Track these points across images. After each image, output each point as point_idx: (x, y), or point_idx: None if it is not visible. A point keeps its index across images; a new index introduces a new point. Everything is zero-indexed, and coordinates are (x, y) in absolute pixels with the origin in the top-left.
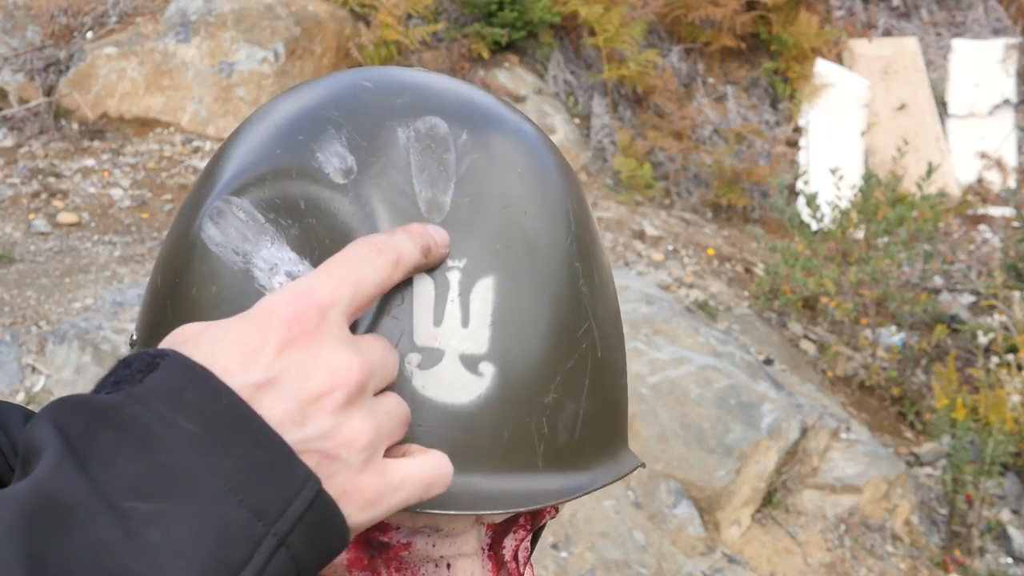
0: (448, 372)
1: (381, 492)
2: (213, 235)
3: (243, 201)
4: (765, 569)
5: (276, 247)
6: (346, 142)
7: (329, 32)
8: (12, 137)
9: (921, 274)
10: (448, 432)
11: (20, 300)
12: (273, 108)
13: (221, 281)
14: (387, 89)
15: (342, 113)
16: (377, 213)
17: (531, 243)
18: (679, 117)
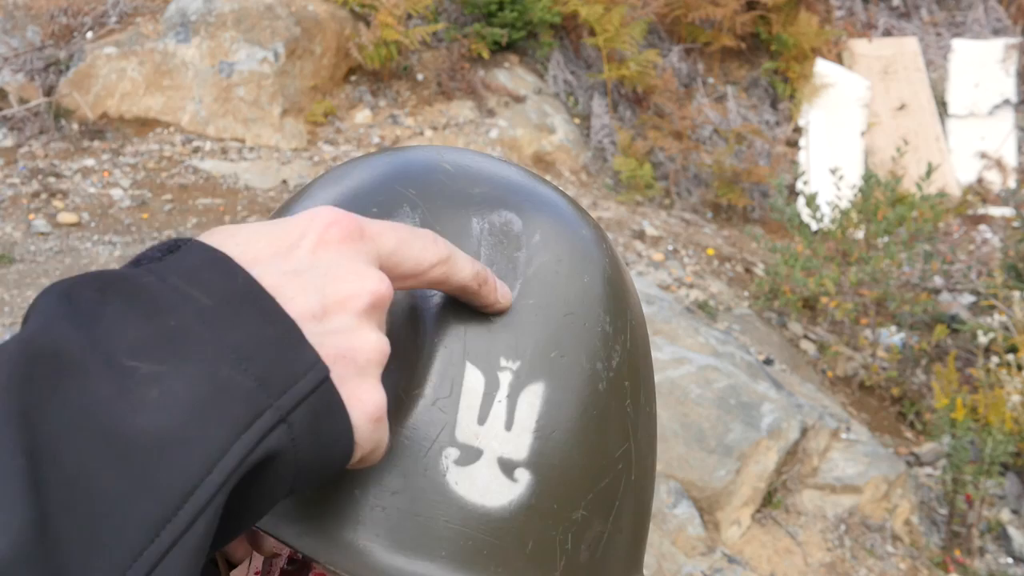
0: (483, 473)
1: (384, 413)
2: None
3: None
4: (765, 569)
5: None
6: (419, 223)
7: (329, 32)
8: (12, 137)
9: (921, 274)
10: (472, 532)
11: (20, 300)
12: (350, 172)
13: None
14: (466, 176)
15: (419, 192)
16: (443, 301)
17: (587, 355)
18: (679, 117)
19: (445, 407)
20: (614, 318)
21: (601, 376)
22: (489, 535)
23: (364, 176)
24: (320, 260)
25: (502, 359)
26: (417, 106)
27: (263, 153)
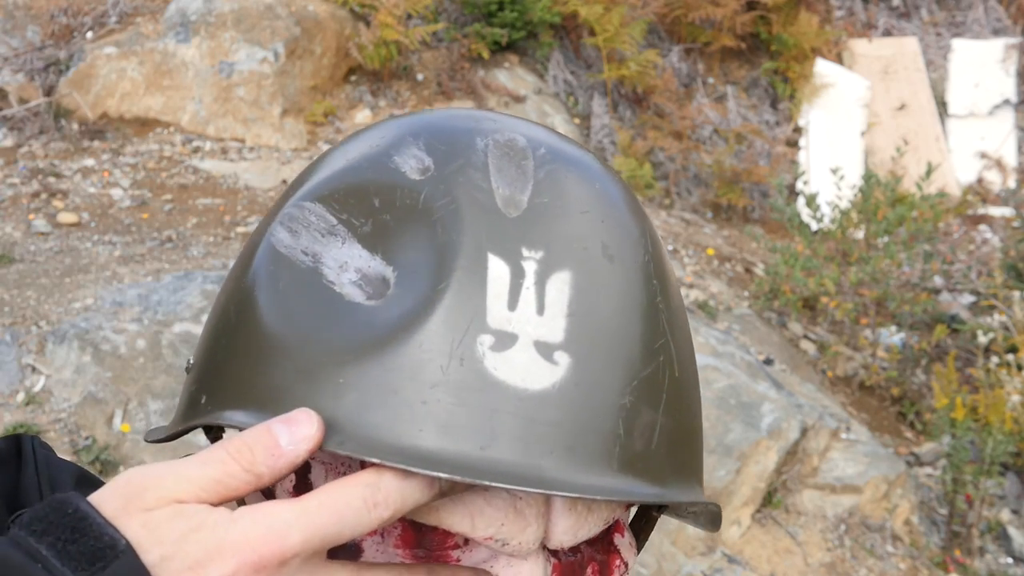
0: (522, 357)
1: None
2: (282, 238)
3: (315, 205)
4: (765, 569)
5: (347, 246)
6: (424, 147)
7: (329, 32)
8: (12, 137)
9: (921, 274)
10: (521, 416)
11: (20, 300)
12: (352, 139)
13: (288, 278)
14: (467, 114)
15: (423, 126)
16: (455, 204)
17: (609, 249)
18: (679, 117)
19: (473, 295)
20: (633, 221)
21: (629, 269)
22: (537, 418)
23: (370, 134)
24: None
25: (524, 249)
26: (417, 106)
27: (263, 153)
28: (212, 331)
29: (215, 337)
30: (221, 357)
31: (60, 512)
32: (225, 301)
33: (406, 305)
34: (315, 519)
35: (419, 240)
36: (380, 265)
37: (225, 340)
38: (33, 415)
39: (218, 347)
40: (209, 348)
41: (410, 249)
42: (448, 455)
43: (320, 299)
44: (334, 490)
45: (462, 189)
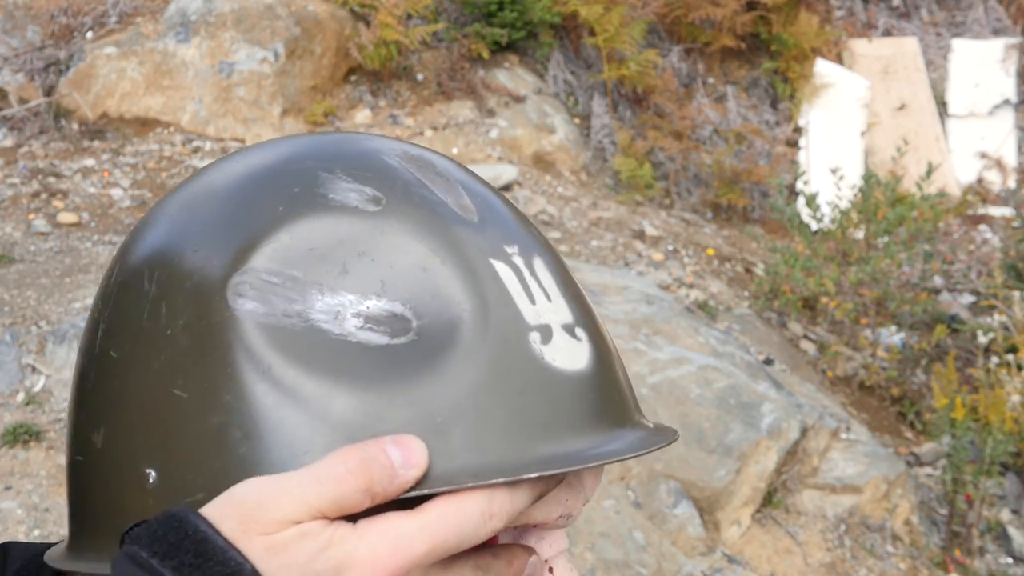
0: (562, 342)
1: None
2: (254, 308)
3: (271, 264)
4: (765, 569)
5: (328, 295)
6: (348, 177)
7: (329, 32)
8: (12, 137)
9: (921, 274)
10: (587, 394)
11: (20, 300)
12: (219, 174)
13: (284, 348)
14: (338, 138)
15: (322, 158)
16: (426, 225)
17: (532, 225)
18: (679, 117)
19: (504, 301)
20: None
21: (544, 238)
22: (597, 392)
23: (236, 177)
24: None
25: (506, 247)
26: (417, 106)
27: None
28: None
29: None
30: (256, 455)
31: (179, 532)
32: (188, 406)
33: (447, 331)
34: (436, 531)
35: (413, 269)
36: (383, 304)
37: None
38: (33, 415)
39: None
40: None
41: (407, 279)
42: (557, 451)
43: (349, 353)
44: (452, 502)
45: (424, 209)
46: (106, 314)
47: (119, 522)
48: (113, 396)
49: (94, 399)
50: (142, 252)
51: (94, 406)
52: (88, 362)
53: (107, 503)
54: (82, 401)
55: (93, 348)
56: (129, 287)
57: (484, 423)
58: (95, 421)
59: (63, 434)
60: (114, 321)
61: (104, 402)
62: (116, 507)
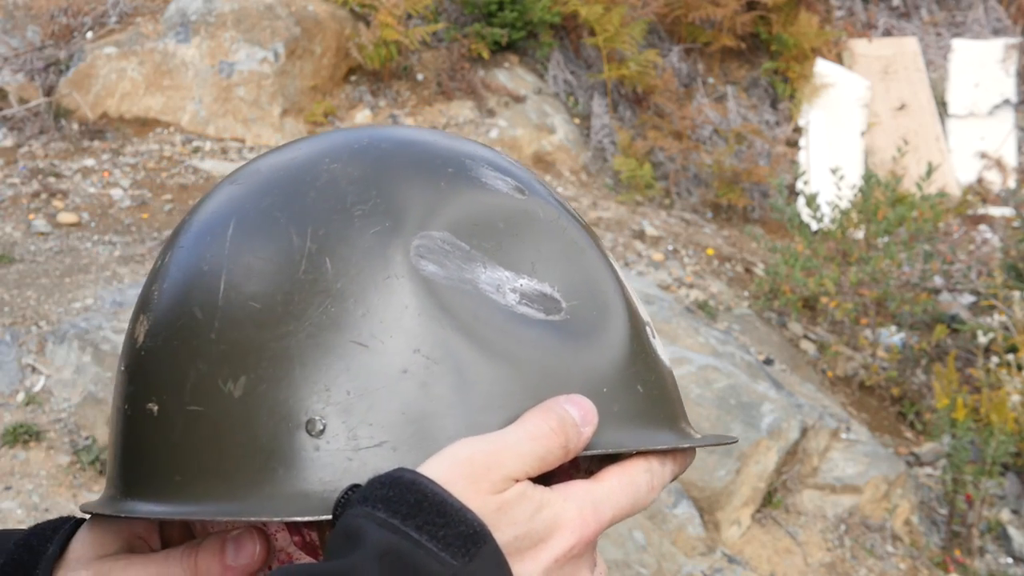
0: (657, 341)
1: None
2: (436, 271)
3: (444, 233)
4: (765, 569)
5: (490, 269)
6: (493, 169)
7: (329, 32)
8: (12, 137)
9: (921, 274)
10: (676, 388)
11: (20, 300)
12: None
13: (469, 309)
14: (438, 140)
15: (453, 153)
16: (562, 218)
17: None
18: (679, 117)
19: (624, 292)
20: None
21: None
22: (675, 387)
23: (397, 155)
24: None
25: (603, 247)
26: (417, 106)
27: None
28: (402, 394)
29: (411, 394)
30: (446, 405)
31: (415, 492)
32: (404, 356)
33: (595, 314)
34: (619, 499)
35: (558, 254)
36: (534, 283)
37: (438, 388)
38: (33, 415)
39: (428, 397)
40: (407, 403)
41: (554, 263)
42: (686, 432)
43: (517, 323)
44: (625, 473)
45: (556, 204)
46: (230, 265)
47: (272, 467)
48: (258, 346)
49: (220, 350)
50: (273, 211)
51: (222, 357)
52: (207, 312)
53: (246, 448)
54: (198, 353)
55: (213, 301)
56: (264, 238)
57: (633, 399)
58: (228, 371)
59: (63, 434)
60: (248, 271)
61: (241, 352)
62: (263, 452)
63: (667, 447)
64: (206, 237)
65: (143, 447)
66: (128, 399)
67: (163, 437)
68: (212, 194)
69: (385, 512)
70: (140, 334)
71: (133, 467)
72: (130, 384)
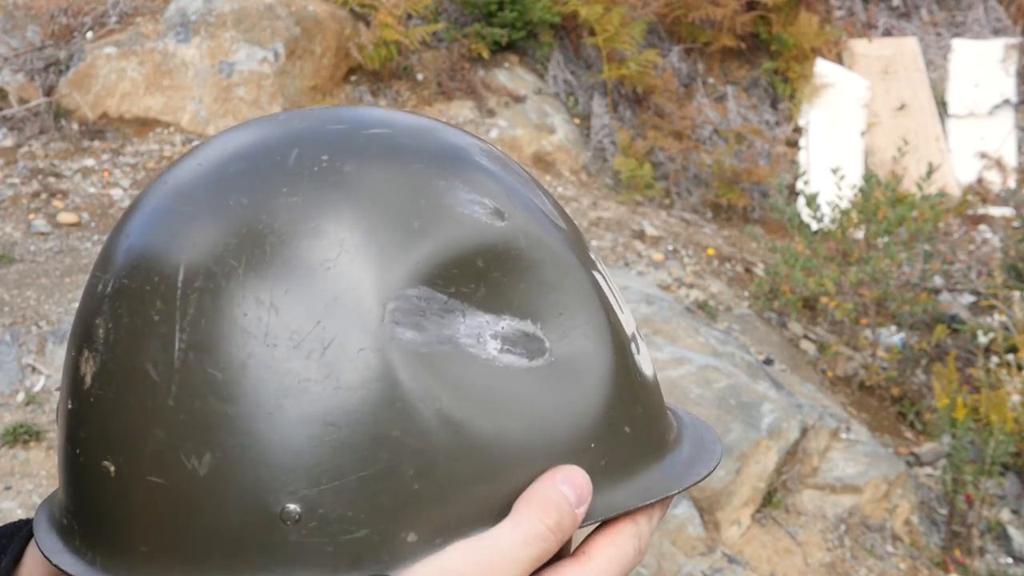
0: (643, 350)
1: None
2: (414, 337)
3: (421, 289)
4: (765, 569)
5: (469, 316)
6: (466, 188)
7: (329, 32)
8: (12, 137)
9: (921, 274)
10: (662, 403)
11: (20, 300)
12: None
13: (448, 377)
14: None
15: (425, 165)
16: (544, 239)
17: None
18: (679, 117)
19: (609, 313)
20: None
21: None
22: (663, 402)
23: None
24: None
25: (590, 255)
26: (417, 106)
27: None
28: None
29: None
30: (431, 492)
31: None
32: (381, 438)
33: (577, 350)
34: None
35: (539, 285)
36: (515, 323)
37: (432, 471)
38: (33, 415)
39: (420, 482)
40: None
41: (534, 296)
42: (674, 464)
43: (499, 379)
44: (612, 545)
45: (537, 221)
46: (183, 324)
47: (246, 554)
48: (222, 421)
49: (180, 419)
50: (232, 260)
51: (183, 428)
52: (163, 374)
53: (214, 532)
54: (155, 418)
55: (169, 361)
56: (222, 298)
57: (620, 446)
58: (191, 445)
59: None
60: (204, 334)
61: (205, 426)
62: (232, 538)
63: (657, 499)
64: (153, 277)
65: (102, 503)
66: (80, 446)
67: (123, 501)
68: (153, 205)
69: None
70: (87, 373)
71: (92, 518)
72: (80, 429)
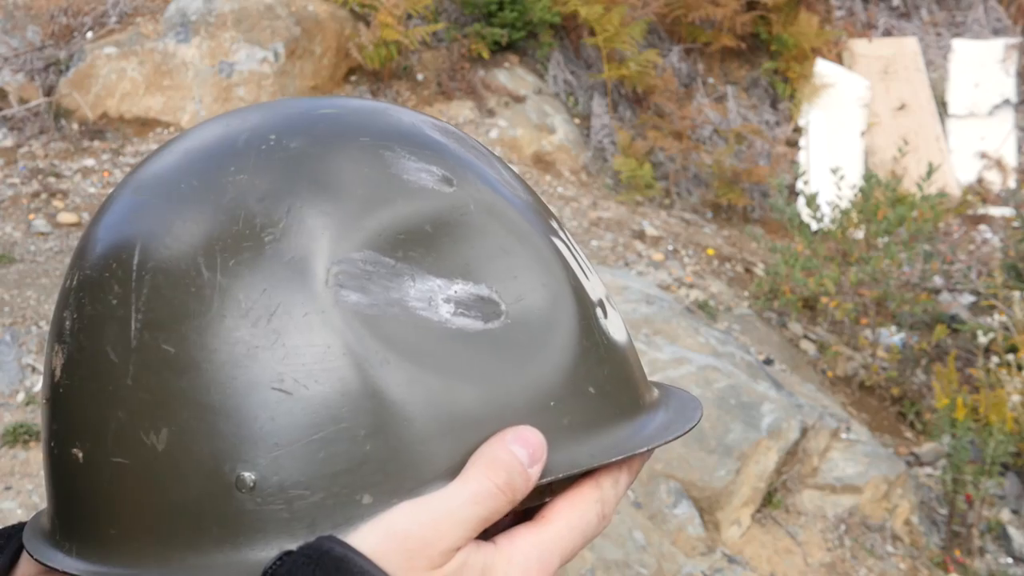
0: (611, 315)
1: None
2: (359, 299)
3: (365, 253)
4: (765, 569)
5: (419, 280)
6: (412, 158)
7: (329, 32)
8: (12, 137)
9: (921, 274)
10: (635, 367)
11: (20, 300)
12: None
13: (398, 339)
14: (349, 115)
15: (372, 139)
16: (496, 205)
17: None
18: (679, 117)
19: (571, 279)
20: None
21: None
22: (637, 367)
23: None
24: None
25: (551, 223)
26: (417, 106)
27: None
28: (332, 451)
29: (338, 454)
30: (382, 453)
31: (342, 572)
32: (331, 402)
33: (536, 312)
34: (569, 543)
35: (491, 250)
36: (469, 287)
37: (376, 442)
38: (33, 415)
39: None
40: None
41: (489, 261)
42: (646, 425)
43: (452, 341)
44: (574, 511)
45: (489, 189)
46: (139, 304)
47: (207, 527)
48: (176, 395)
49: (138, 398)
50: (182, 236)
51: (141, 405)
52: (121, 355)
53: (176, 507)
54: (116, 399)
55: (126, 342)
56: (174, 274)
57: (584, 405)
58: (149, 422)
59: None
60: (158, 312)
61: (160, 401)
62: (193, 511)
63: (622, 456)
64: (111, 264)
65: (74, 492)
66: (54, 438)
67: (92, 486)
68: (114, 201)
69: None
70: (57, 366)
71: (68, 509)
72: (53, 422)
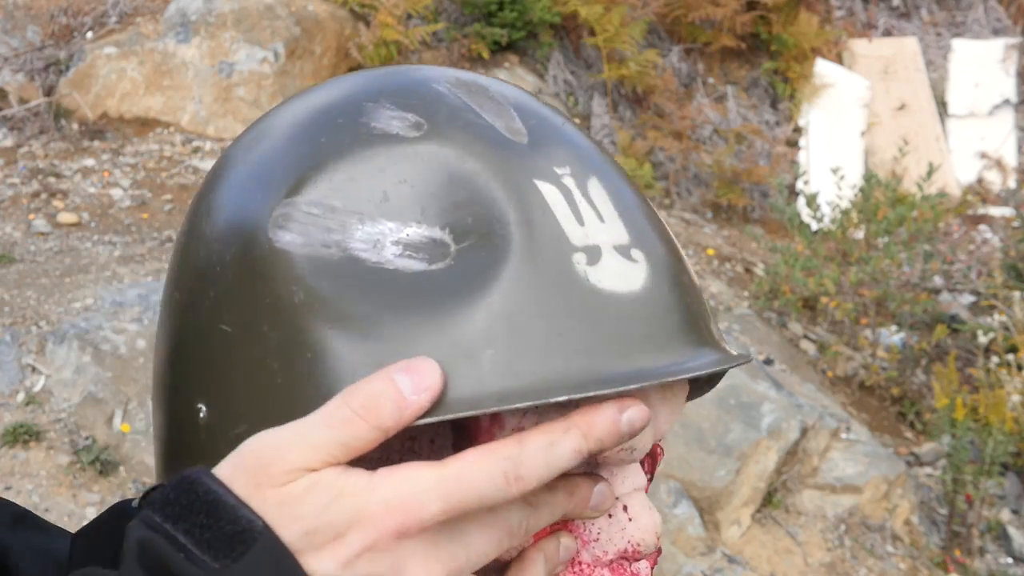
0: (613, 263)
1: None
2: (292, 240)
3: (311, 196)
4: (765, 569)
5: (369, 224)
6: (393, 106)
7: (329, 32)
8: (12, 137)
9: (921, 274)
10: (641, 316)
11: (20, 300)
12: (277, 115)
13: (321, 278)
14: (393, 70)
15: (371, 89)
16: (467, 148)
17: (601, 151)
18: (679, 117)
19: (547, 223)
20: (592, 137)
21: (614, 161)
22: (654, 313)
23: (297, 112)
24: (376, 569)
25: (556, 169)
26: None
27: None
28: (257, 392)
29: (270, 397)
30: (296, 386)
31: (191, 494)
32: (227, 339)
33: (486, 254)
34: (453, 490)
35: (454, 194)
36: (423, 230)
37: (289, 390)
38: (33, 415)
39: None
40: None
41: (448, 203)
42: (603, 373)
43: (384, 282)
44: (473, 461)
45: (467, 133)
46: (176, 259)
47: (184, 459)
48: (176, 335)
49: (175, 352)
50: (204, 196)
51: (168, 354)
52: (177, 320)
53: (172, 440)
54: (172, 361)
55: (171, 301)
56: (192, 232)
57: (518, 346)
58: (164, 364)
59: (63, 434)
60: (181, 265)
61: (171, 345)
62: (178, 444)
63: (528, 403)
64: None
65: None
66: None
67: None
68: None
69: (160, 515)
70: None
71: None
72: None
